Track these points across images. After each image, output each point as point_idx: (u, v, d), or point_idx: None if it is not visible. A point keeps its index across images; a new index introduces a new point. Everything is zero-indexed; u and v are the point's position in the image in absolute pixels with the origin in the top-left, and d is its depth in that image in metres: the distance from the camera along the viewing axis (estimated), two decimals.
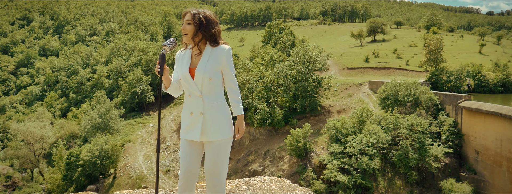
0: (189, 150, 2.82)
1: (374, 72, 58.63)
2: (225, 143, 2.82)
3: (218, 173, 2.80)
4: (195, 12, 2.79)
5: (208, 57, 2.75)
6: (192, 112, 2.76)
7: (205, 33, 2.77)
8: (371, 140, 34.93)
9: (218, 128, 2.76)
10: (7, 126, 71.94)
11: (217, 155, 2.79)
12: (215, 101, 2.77)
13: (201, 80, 2.71)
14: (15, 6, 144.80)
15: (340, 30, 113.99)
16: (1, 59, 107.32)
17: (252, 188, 3.50)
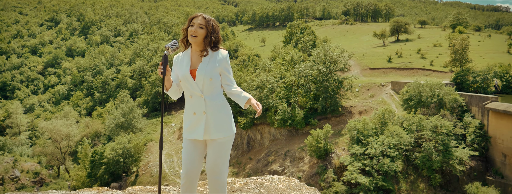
0: (192, 149, 2.91)
1: (397, 73, 57.65)
2: (227, 141, 2.91)
3: (219, 171, 2.88)
4: (208, 18, 2.89)
5: (209, 60, 2.89)
6: (195, 112, 2.87)
7: (213, 38, 2.85)
8: (393, 142, 34.38)
9: (220, 127, 2.86)
10: (35, 124, 74.26)
11: (219, 153, 2.88)
12: (216, 100, 2.90)
13: (202, 80, 2.83)
14: (43, 8, 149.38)
15: (362, 30, 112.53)
16: (30, 60, 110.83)
17: (259, 186, 3.58)
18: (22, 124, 74.09)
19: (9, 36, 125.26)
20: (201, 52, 2.88)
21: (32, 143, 68.77)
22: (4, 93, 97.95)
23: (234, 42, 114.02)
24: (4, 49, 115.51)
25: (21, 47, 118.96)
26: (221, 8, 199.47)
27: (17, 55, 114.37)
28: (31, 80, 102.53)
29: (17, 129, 73.15)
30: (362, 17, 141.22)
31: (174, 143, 56.70)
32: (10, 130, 72.69)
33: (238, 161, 49.09)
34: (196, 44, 2.91)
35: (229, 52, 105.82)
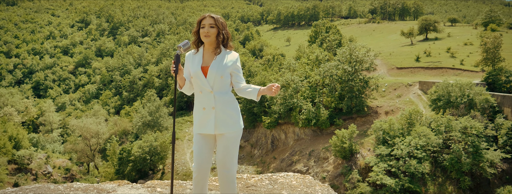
0: (203, 144, 3.00)
1: (425, 72, 56.33)
2: (236, 135, 3.02)
3: (229, 164, 2.99)
4: (216, 17, 3.04)
5: (222, 59, 3.01)
6: (204, 107, 2.96)
7: (224, 34, 3.02)
8: (420, 143, 33.60)
9: (229, 121, 2.96)
10: (66, 122, 76.76)
11: (228, 147, 2.98)
12: (225, 96, 2.99)
13: (213, 77, 2.94)
14: (74, 10, 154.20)
15: (389, 29, 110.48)
16: (62, 60, 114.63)
17: (273, 182, 3.65)
18: (54, 122, 76.79)
19: (42, 37, 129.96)
20: (215, 50, 2.99)
21: (63, 140, 71.12)
22: (38, 92, 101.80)
23: (259, 42, 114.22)
24: (38, 50, 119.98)
25: (53, 47, 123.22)
26: (246, 8, 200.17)
27: (50, 55, 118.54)
28: (63, 79, 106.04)
29: (49, 126, 75.87)
30: (390, 16, 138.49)
31: None
32: (43, 128, 75.48)
33: (262, 160, 49.20)
34: (209, 43, 3.01)
35: (254, 51, 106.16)
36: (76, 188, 3.54)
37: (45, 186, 3.56)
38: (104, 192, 3.53)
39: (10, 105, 75.89)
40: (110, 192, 3.52)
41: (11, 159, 51.74)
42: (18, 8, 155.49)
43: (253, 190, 3.55)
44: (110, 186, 3.67)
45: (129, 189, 3.63)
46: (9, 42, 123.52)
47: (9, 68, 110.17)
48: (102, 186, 3.67)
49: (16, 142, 56.98)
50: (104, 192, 3.52)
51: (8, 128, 59.20)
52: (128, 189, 3.63)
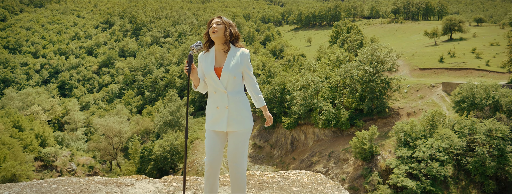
0: (215, 139, 3.16)
1: (449, 73, 55.13)
2: (246, 132, 3.20)
3: (239, 158, 3.14)
4: (222, 17, 3.27)
5: (233, 58, 3.13)
6: (218, 106, 3.12)
7: (232, 30, 3.17)
8: (443, 145, 32.91)
9: (241, 119, 3.12)
10: (90, 121, 78.59)
11: (239, 143, 3.14)
12: (238, 96, 3.13)
13: (226, 78, 3.09)
14: (99, 11, 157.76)
15: (413, 29, 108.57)
16: (87, 60, 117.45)
17: (285, 180, 3.75)
18: (78, 120, 78.77)
19: (68, 38, 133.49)
20: (223, 47, 3.08)
21: (87, 138, 72.84)
22: (63, 91, 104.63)
23: (279, 42, 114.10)
24: (64, 50, 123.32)
25: (78, 48, 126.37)
26: (267, 8, 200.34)
27: (75, 55, 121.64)
28: (87, 79, 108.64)
29: (74, 125, 77.88)
30: (413, 16, 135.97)
31: None
32: (68, 126, 77.54)
33: (281, 161, 49.19)
34: (218, 40, 3.13)
35: (274, 52, 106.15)
36: (96, 182, 3.75)
37: (68, 179, 3.78)
38: (123, 185, 3.71)
39: (37, 104, 78.29)
40: (128, 186, 3.70)
41: (38, 156, 53.40)
42: (45, 9, 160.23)
43: (265, 186, 3.65)
44: (129, 180, 3.86)
45: (146, 183, 3.80)
46: (36, 43, 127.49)
47: (36, 68, 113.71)
48: (121, 180, 3.85)
49: (42, 140, 58.76)
50: (122, 185, 3.71)
51: (35, 126, 61.10)
52: (145, 183, 3.81)
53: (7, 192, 3.45)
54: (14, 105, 76.97)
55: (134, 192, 3.58)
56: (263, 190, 3.56)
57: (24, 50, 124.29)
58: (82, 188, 3.59)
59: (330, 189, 3.57)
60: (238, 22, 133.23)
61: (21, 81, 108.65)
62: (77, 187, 3.62)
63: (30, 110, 74.00)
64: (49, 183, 3.67)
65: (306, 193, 3.49)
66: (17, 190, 3.54)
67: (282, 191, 3.54)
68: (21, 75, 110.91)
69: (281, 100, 53.01)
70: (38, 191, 3.49)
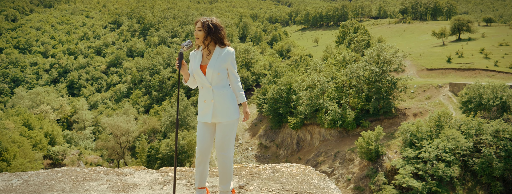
0: (204, 130, 3.45)
1: (456, 74, 54.81)
2: (232, 123, 3.43)
3: (226, 148, 3.39)
4: (204, 20, 3.43)
5: (217, 57, 3.39)
6: (205, 100, 3.40)
7: (213, 36, 3.26)
8: (449, 146, 32.80)
9: (226, 112, 3.36)
10: (98, 120, 79.37)
11: (225, 133, 3.39)
12: (222, 90, 3.38)
13: (211, 74, 3.34)
14: (107, 12, 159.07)
15: (421, 29, 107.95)
16: (95, 60, 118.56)
17: (275, 171, 3.96)
18: (87, 119, 79.59)
19: (77, 38, 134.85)
20: (205, 50, 3.31)
21: (95, 137, 73.58)
22: (72, 91, 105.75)
23: (286, 42, 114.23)
24: (73, 50, 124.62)
25: (87, 48, 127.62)
26: (274, 9, 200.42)
27: (84, 55, 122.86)
28: (95, 78, 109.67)
29: (82, 124, 78.71)
30: (421, 16, 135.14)
31: None
32: (77, 125, 78.39)
33: (287, 161, 49.31)
34: (201, 44, 3.35)
35: (281, 52, 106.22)
36: (98, 171, 4.02)
37: (72, 169, 4.06)
38: (122, 174, 3.99)
39: (46, 103, 79.28)
40: (128, 175, 3.97)
41: (47, 154, 54.13)
42: (55, 10, 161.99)
43: (255, 177, 3.88)
44: (128, 171, 4.13)
45: (144, 173, 4.06)
46: (46, 43, 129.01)
47: (46, 67, 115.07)
48: (121, 170, 4.12)
49: (51, 138, 59.54)
50: (122, 174, 3.99)
51: (44, 125, 61.91)
52: (144, 173, 4.07)
53: (16, 179, 3.74)
54: (24, 104, 78.00)
55: (133, 181, 3.84)
56: (253, 180, 3.79)
57: (34, 50, 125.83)
58: (85, 177, 3.88)
59: (316, 180, 3.76)
60: (245, 22, 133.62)
61: (31, 81, 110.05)
62: (80, 175, 3.90)
63: (39, 109, 74.95)
64: (55, 172, 3.97)
65: (292, 182, 3.70)
66: (25, 177, 3.83)
67: (270, 181, 3.75)
68: (31, 75, 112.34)
69: (287, 100, 53.13)
70: (45, 178, 3.79)
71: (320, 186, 3.60)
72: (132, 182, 3.87)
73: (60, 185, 3.70)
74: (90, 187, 3.67)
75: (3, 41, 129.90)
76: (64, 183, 3.77)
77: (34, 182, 3.80)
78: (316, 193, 3.45)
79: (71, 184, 3.74)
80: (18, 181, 3.83)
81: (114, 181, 3.90)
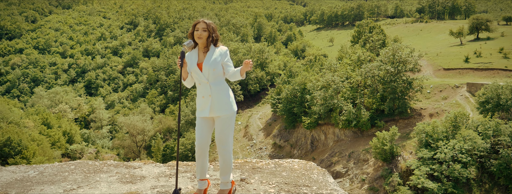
0: (203, 125, 3.64)
1: (474, 74, 53.87)
2: (230, 117, 3.63)
3: (225, 141, 3.60)
4: (208, 22, 3.68)
5: (212, 55, 3.62)
6: (203, 96, 3.62)
7: (214, 37, 3.51)
8: (466, 147, 32.31)
9: (223, 106, 3.57)
10: (115, 119, 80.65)
11: (223, 126, 3.59)
12: (219, 85, 3.61)
13: (207, 71, 3.56)
14: (124, 12, 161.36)
15: (438, 28, 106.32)
16: (112, 60, 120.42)
17: (278, 166, 4.11)
18: (104, 118, 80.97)
19: (94, 38, 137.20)
20: (205, 49, 3.50)
21: (112, 136, 74.77)
22: (90, 90, 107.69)
23: (301, 42, 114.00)
24: (90, 50, 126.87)
25: (104, 48, 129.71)
26: (289, 8, 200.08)
27: (101, 55, 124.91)
28: (112, 78, 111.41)
29: (99, 123, 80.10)
30: (439, 15, 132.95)
31: (240, 141, 58.34)
32: (94, 124, 79.81)
33: None
34: (201, 44, 3.53)
35: (296, 52, 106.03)
36: (109, 164, 4.27)
37: (85, 162, 4.31)
38: (131, 167, 4.23)
39: (65, 102, 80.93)
40: (136, 168, 4.20)
41: (65, 152, 55.28)
42: (73, 11, 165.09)
43: (257, 171, 4.04)
44: (137, 164, 4.36)
45: (152, 166, 4.29)
46: (64, 43, 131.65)
47: (64, 67, 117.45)
48: (130, 163, 4.36)
49: (69, 137, 60.78)
50: (131, 167, 4.23)
51: (63, 124, 63.24)
52: (151, 166, 4.29)
53: (32, 171, 4.01)
54: (43, 103, 79.80)
55: (141, 173, 4.06)
56: (255, 174, 3.95)
57: (53, 51, 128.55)
58: (96, 169, 4.13)
59: (315, 175, 3.88)
60: (260, 22, 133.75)
61: (50, 80, 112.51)
62: (92, 168, 4.15)
63: (58, 108, 76.58)
64: (68, 165, 4.26)
65: (292, 176, 3.83)
66: (41, 169, 4.11)
67: (271, 175, 3.90)
68: (50, 75, 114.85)
69: (302, 100, 53.06)
70: (59, 170, 4.07)
71: (318, 180, 3.73)
72: (140, 175, 4.11)
73: (72, 176, 4.00)
74: (100, 178, 3.93)
75: (23, 42, 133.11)
76: (76, 174, 4.05)
77: (49, 173, 4.09)
78: (314, 186, 3.57)
79: (82, 175, 4.02)
80: (34, 172, 4.13)
81: (123, 173, 4.14)
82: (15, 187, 3.69)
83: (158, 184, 3.87)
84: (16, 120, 55.32)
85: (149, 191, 3.67)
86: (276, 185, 3.67)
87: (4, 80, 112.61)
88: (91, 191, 3.59)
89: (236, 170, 4.19)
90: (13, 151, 42.30)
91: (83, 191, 3.59)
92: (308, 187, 3.55)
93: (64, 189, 3.63)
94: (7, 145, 42.82)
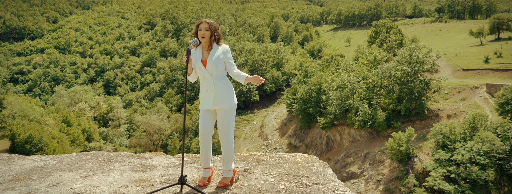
0: (206, 117, 3.98)
1: (494, 74, 52.84)
2: (230, 109, 3.95)
3: (227, 131, 3.92)
4: (210, 22, 3.97)
5: (215, 52, 3.93)
6: (206, 90, 3.94)
7: (216, 35, 3.87)
8: (484, 149, 31.77)
9: (225, 99, 3.88)
10: (132, 118, 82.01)
11: (225, 118, 3.92)
12: (222, 81, 3.91)
13: (211, 67, 3.88)
14: (142, 13, 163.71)
15: (458, 28, 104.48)
16: (130, 60, 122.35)
17: (281, 159, 4.35)
18: (121, 117, 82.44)
19: (113, 38, 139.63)
20: (208, 47, 3.75)
21: (129, 135, 76.07)
22: (108, 90, 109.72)
23: (317, 42, 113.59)
24: (109, 50, 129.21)
25: (122, 48, 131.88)
26: (306, 8, 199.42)
27: (119, 55, 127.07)
28: (130, 78, 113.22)
29: (117, 122, 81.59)
30: (458, 14, 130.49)
31: (255, 141, 58.60)
32: (112, 123, 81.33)
33: None
34: (204, 42, 3.78)
35: (312, 52, 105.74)
36: (122, 155, 4.61)
37: (100, 153, 4.66)
38: (143, 158, 4.57)
39: (84, 101, 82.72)
40: (147, 159, 4.53)
41: (84, 150, 56.56)
42: (93, 12, 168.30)
43: (261, 163, 4.29)
44: (149, 155, 4.71)
45: (163, 158, 4.63)
46: (84, 43, 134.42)
47: (84, 67, 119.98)
48: (143, 155, 4.73)
49: (88, 135, 62.15)
50: (143, 158, 4.57)
51: (82, 122, 64.70)
52: (162, 158, 4.63)
53: (52, 160, 4.35)
54: (63, 102, 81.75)
55: (151, 163, 4.39)
56: (258, 166, 4.20)
57: (73, 50, 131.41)
58: (110, 159, 4.46)
59: (316, 167, 4.07)
60: (277, 22, 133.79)
61: (70, 80, 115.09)
62: (107, 158, 4.49)
63: (77, 107, 78.34)
64: (85, 155, 4.66)
65: (293, 168, 4.04)
66: (60, 158, 4.48)
67: (274, 166, 4.13)
68: (70, 74, 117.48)
69: (317, 100, 52.97)
70: (76, 159, 4.44)
71: (318, 172, 3.92)
72: (150, 164, 4.43)
73: (88, 164, 4.37)
74: (114, 167, 4.29)
75: (45, 41, 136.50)
76: (92, 163, 4.43)
77: (67, 162, 4.50)
78: (312, 176, 3.75)
79: (98, 164, 4.39)
80: (54, 161, 4.53)
81: (135, 163, 4.48)
82: (37, 173, 4.09)
83: (166, 173, 4.17)
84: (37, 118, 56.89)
85: (158, 178, 3.97)
86: (277, 175, 3.91)
87: (26, 79, 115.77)
88: (105, 178, 3.92)
89: (241, 162, 4.44)
90: (34, 147, 43.54)
91: (98, 177, 3.93)
92: (307, 178, 3.74)
93: (80, 175, 3.99)
94: (28, 142, 44.11)
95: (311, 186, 3.47)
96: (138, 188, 3.61)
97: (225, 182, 3.83)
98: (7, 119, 55.83)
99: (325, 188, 3.43)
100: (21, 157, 4.66)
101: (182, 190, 3.62)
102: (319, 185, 3.50)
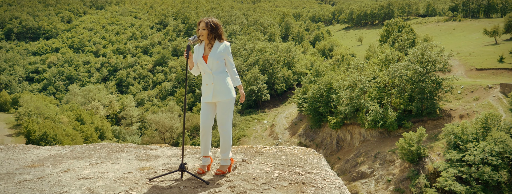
0: (206, 109, 4.26)
1: (509, 74, 52.15)
2: (229, 102, 4.20)
3: (225, 122, 4.19)
4: (207, 21, 4.18)
5: (216, 49, 4.19)
6: (207, 83, 4.21)
7: (214, 33, 4.13)
8: (497, 149, 31.44)
9: (223, 92, 4.15)
10: (144, 116, 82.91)
11: (224, 109, 4.18)
12: (221, 75, 4.18)
13: (211, 62, 4.15)
14: (154, 12, 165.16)
15: (472, 27, 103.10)
16: (142, 59, 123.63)
17: (279, 151, 4.59)
18: (134, 116, 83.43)
19: (125, 38, 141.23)
20: (208, 44, 3.95)
21: (141, 133, 76.95)
22: (121, 88, 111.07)
23: (329, 42, 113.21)
24: (122, 50, 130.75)
25: (135, 47, 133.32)
26: (317, 7, 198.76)
27: (132, 54, 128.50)
28: (142, 77, 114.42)
29: (130, 120, 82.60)
30: (473, 13, 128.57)
31: (265, 140, 58.80)
32: (124, 121, 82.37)
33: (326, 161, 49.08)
34: (204, 40, 4.03)
35: (324, 51, 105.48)
36: (129, 146, 4.94)
37: (109, 144, 4.97)
38: (149, 149, 4.88)
39: (97, 99, 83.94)
40: (153, 150, 4.82)
41: None
42: (106, 12, 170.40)
43: (260, 154, 4.54)
44: (154, 147, 5.06)
45: (167, 149, 4.93)
46: (97, 43, 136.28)
47: (97, 66, 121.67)
48: (148, 146, 5.08)
49: (101, 133, 63.09)
50: (148, 149, 4.86)
51: (95, 120, 65.68)
52: (166, 149, 4.93)
53: (64, 149, 4.65)
54: (77, 100, 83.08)
55: (156, 154, 4.72)
56: (256, 157, 4.44)
57: (87, 50, 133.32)
58: (118, 149, 4.77)
59: (311, 158, 4.28)
60: (288, 21, 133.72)
61: (84, 78, 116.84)
62: (115, 148, 4.80)
63: (91, 105, 79.55)
64: (95, 145, 5.04)
65: (289, 159, 4.25)
66: (71, 148, 4.81)
67: (271, 158, 4.36)
68: (83, 73, 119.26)
69: (328, 100, 52.91)
70: (86, 149, 4.80)
71: (312, 162, 4.11)
72: (155, 154, 4.74)
73: (97, 154, 4.72)
74: (121, 156, 4.61)
75: (59, 41, 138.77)
76: (101, 153, 4.78)
77: (78, 151, 4.86)
78: (306, 167, 3.94)
79: (106, 153, 4.74)
80: (66, 150, 4.89)
81: (141, 153, 4.79)
82: (50, 161, 4.44)
83: (169, 162, 4.47)
84: (51, 116, 57.98)
85: (161, 167, 4.26)
86: (273, 165, 4.16)
87: (41, 78, 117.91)
88: (112, 165, 4.24)
89: (240, 153, 4.68)
90: (48, 145, 44.38)
91: (105, 165, 4.24)
92: (301, 167, 3.94)
93: (90, 163, 4.32)
94: (43, 139, 45.03)
95: (304, 175, 3.68)
96: (142, 175, 3.93)
97: (222, 170, 4.10)
98: (23, 117, 57.06)
99: (317, 177, 3.63)
100: (35, 147, 5.05)
101: (182, 176, 3.90)
102: (311, 174, 3.71)
